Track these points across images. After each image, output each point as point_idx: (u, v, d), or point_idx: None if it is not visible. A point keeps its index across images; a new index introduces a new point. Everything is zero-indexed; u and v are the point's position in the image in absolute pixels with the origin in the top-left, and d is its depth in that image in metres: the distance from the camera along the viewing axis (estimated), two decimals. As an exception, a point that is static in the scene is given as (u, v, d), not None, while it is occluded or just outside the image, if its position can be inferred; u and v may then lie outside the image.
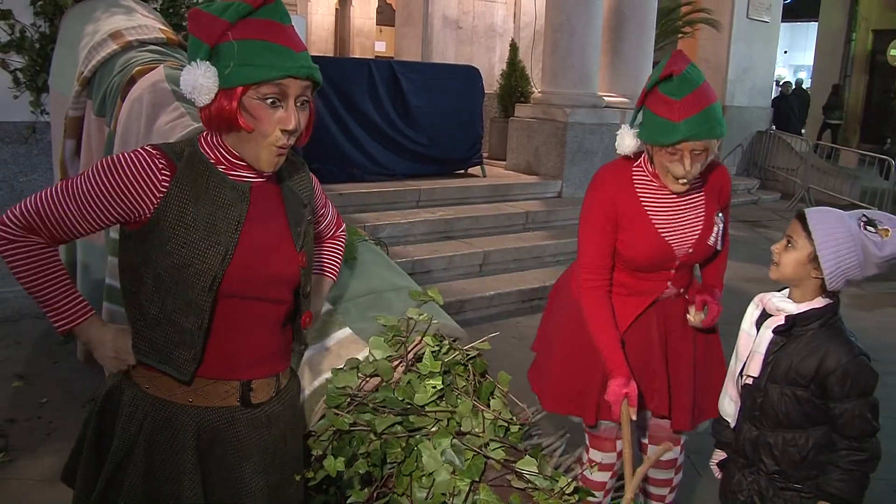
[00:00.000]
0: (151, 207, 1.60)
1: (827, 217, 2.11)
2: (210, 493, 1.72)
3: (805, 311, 2.16)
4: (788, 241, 2.15)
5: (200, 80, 1.55)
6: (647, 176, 2.44)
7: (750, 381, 2.24)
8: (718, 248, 2.53)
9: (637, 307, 2.54)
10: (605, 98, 9.01)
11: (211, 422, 1.72)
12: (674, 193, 2.42)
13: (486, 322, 5.72)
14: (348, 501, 2.13)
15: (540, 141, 8.72)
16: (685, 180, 2.33)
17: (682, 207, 2.46)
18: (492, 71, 10.52)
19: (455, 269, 6.49)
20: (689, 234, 2.46)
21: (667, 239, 2.44)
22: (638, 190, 2.43)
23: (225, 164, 1.67)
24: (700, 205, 2.48)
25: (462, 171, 8.43)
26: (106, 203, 1.60)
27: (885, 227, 2.07)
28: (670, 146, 2.26)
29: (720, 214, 2.52)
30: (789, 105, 15.19)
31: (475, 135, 8.36)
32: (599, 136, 8.73)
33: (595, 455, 2.73)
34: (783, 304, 2.20)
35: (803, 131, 15.98)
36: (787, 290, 2.24)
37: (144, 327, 1.67)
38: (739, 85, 13.10)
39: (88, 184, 1.60)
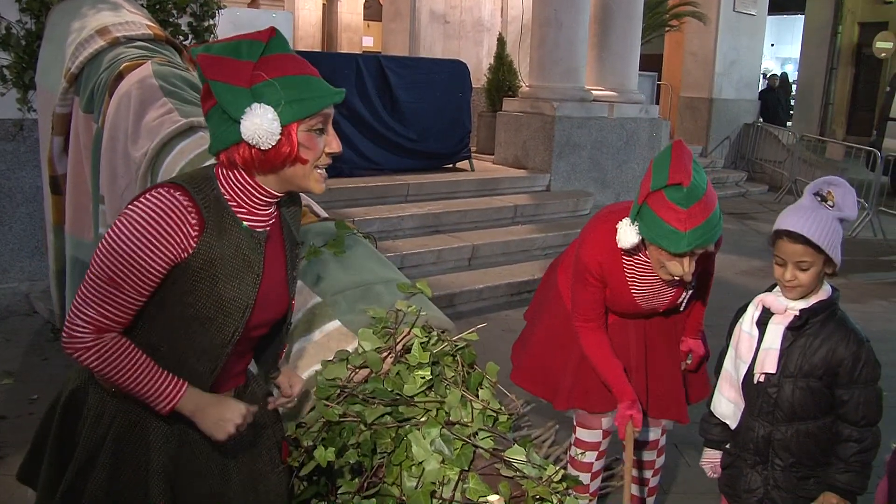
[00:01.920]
0: (179, 260, 1.57)
1: (807, 219, 2.17)
2: (184, 493, 1.72)
3: (814, 305, 2.25)
4: (799, 266, 2.19)
5: (272, 124, 1.52)
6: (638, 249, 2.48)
7: (763, 378, 2.29)
8: (682, 309, 2.68)
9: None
10: (592, 92, 9.03)
11: (177, 425, 1.71)
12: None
13: (475, 315, 5.74)
14: (339, 492, 2.15)
15: (528, 135, 8.74)
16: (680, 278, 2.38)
17: (660, 281, 2.53)
18: (479, 65, 10.54)
19: (444, 263, 6.50)
20: (661, 300, 2.60)
21: (639, 302, 2.58)
22: (624, 260, 2.51)
23: (245, 208, 1.64)
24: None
25: (450, 166, 8.44)
26: (150, 270, 1.55)
27: (828, 190, 2.21)
28: (676, 255, 2.28)
29: (693, 283, 2.59)
30: (776, 98, 15.25)
31: (463, 129, 8.37)
32: (587, 129, 8.76)
33: (582, 434, 2.82)
34: (794, 303, 2.26)
35: (789, 123, 16.07)
36: (777, 287, 2.30)
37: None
38: (727, 78, 13.16)
39: (126, 258, 1.53)
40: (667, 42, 14.42)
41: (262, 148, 1.54)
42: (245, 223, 1.65)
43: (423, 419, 2.18)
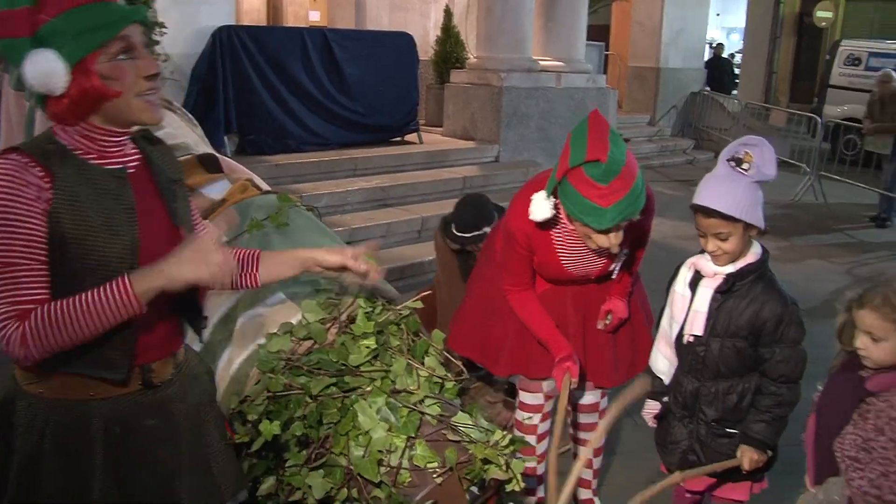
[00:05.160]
0: (46, 210, 1.49)
1: (718, 191, 2.21)
2: (134, 482, 1.67)
3: (742, 268, 2.29)
4: (718, 237, 2.23)
5: (51, 64, 1.43)
6: (562, 218, 2.46)
7: (692, 338, 2.34)
8: (614, 276, 2.65)
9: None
10: (539, 62, 9.05)
11: (118, 412, 1.64)
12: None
13: (427, 286, 5.74)
14: (287, 465, 2.14)
15: (476, 106, 8.73)
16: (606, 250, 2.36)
17: (589, 250, 2.50)
18: (426, 37, 10.46)
19: (394, 237, 6.50)
20: (591, 266, 2.59)
21: (569, 269, 2.58)
22: (552, 231, 2.49)
23: (94, 152, 1.57)
24: None
25: (398, 139, 8.41)
26: (27, 229, 1.47)
27: (745, 151, 2.22)
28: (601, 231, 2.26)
29: (626, 251, 2.57)
30: (722, 66, 15.45)
31: (411, 102, 8.33)
32: (535, 100, 8.78)
33: (525, 397, 2.85)
34: (723, 268, 2.30)
35: (735, 92, 16.31)
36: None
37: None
38: (673, 47, 13.26)
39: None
40: (614, 12, 14.50)
41: (57, 94, 1.47)
42: (100, 166, 1.57)
43: (368, 388, 2.18)
